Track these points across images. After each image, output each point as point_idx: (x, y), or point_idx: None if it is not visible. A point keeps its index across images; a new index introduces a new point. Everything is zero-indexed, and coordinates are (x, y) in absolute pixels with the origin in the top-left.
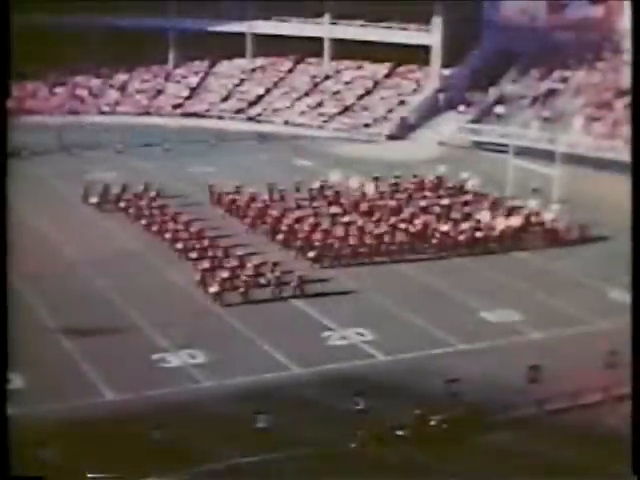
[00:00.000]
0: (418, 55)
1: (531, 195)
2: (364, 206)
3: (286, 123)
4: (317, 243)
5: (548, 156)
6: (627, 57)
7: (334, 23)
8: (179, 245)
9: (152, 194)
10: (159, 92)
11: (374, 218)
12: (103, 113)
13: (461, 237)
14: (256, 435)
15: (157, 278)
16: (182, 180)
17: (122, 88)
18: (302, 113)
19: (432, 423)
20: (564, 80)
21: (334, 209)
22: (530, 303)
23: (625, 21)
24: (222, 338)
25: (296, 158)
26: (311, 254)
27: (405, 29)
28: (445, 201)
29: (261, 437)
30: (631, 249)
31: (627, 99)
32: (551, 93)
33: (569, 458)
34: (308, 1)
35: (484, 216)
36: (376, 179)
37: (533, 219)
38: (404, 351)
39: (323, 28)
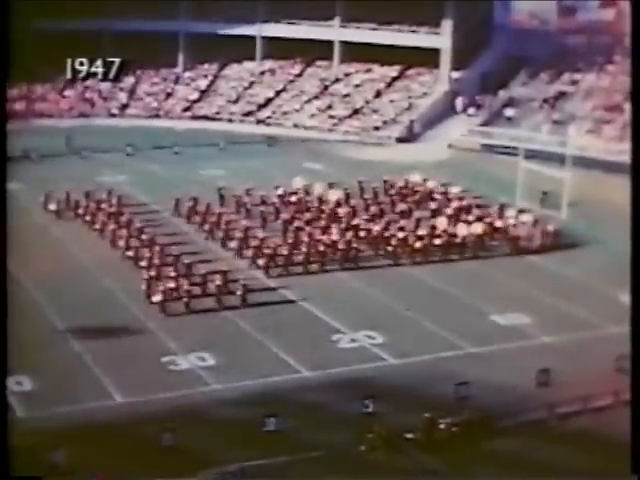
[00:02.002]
0: (428, 58)
1: (538, 198)
2: (325, 213)
3: (295, 126)
4: (267, 251)
5: (559, 159)
6: None
7: (344, 26)
8: (130, 253)
9: (113, 201)
10: (169, 95)
11: (332, 225)
12: (113, 116)
13: (418, 244)
14: (266, 438)
15: None
16: (191, 183)
17: (132, 91)
18: (312, 116)
19: (442, 426)
20: (574, 83)
21: (292, 216)
22: (540, 306)
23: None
24: (231, 341)
25: (306, 161)
26: (261, 262)
27: (415, 32)
28: (406, 207)
29: (271, 440)
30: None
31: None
32: (561, 96)
33: (579, 462)
34: (318, 4)
35: (441, 223)
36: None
37: (497, 225)
38: (414, 354)
39: (333, 31)
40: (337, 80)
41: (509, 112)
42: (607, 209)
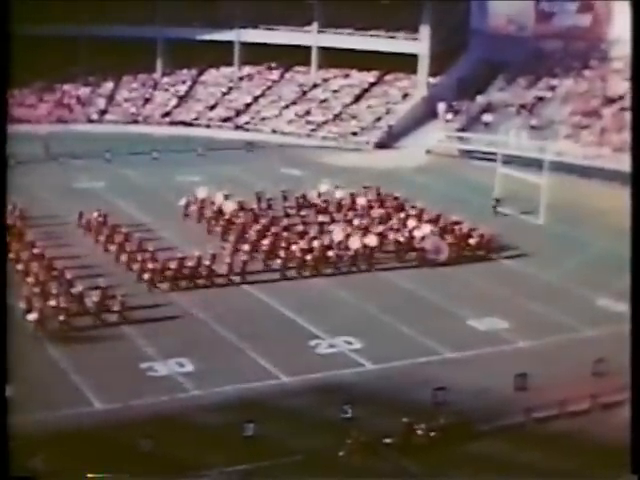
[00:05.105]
0: (406, 63)
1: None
2: (219, 225)
3: (274, 132)
4: (154, 265)
5: (537, 164)
6: (615, 65)
7: (322, 31)
8: (19, 267)
9: (16, 213)
10: (147, 100)
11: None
12: (91, 122)
13: (309, 257)
14: (244, 443)
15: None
16: (169, 189)
17: (110, 97)
18: (290, 122)
19: (419, 432)
20: (551, 88)
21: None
22: (517, 311)
23: (612, 29)
24: (210, 347)
25: (284, 167)
26: (146, 277)
27: (392, 37)
28: (297, 218)
29: (249, 445)
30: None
31: (615, 107)
32: (539, 101)
33: (556, 466)
34: (296, 10)
35: (337, 234)
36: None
37: (393, 237)
38: (392, 359)
39: (311, 36)
40: (315, 86)
41: (487, 117)
42: (584, 213)
